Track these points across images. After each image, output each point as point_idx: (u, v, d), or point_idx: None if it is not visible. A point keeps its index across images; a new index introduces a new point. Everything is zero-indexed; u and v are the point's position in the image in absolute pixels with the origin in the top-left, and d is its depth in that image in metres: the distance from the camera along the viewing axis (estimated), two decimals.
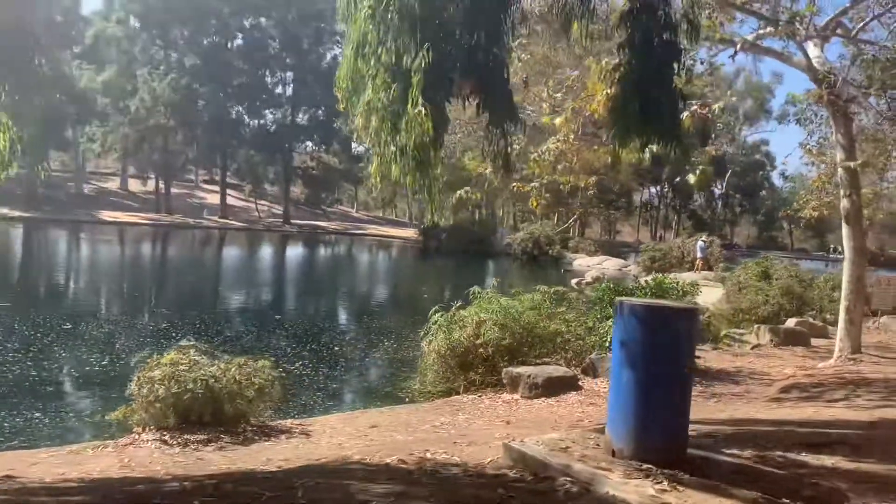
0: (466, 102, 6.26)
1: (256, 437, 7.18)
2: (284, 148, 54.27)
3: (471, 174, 44.20)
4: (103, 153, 54.37)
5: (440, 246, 45.92)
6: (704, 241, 32.61)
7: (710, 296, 20.63)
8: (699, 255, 31.49)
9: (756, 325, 15.44)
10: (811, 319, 17.22)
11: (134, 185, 70.33)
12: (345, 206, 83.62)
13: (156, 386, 6.94)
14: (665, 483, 3.64)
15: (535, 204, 11.86)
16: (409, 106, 5.82)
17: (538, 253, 42.21)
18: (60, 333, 13.38)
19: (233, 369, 7.49)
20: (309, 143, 56.44)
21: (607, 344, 10.81)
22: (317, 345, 13.79)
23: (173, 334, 13.13)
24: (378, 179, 6.42)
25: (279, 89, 57.53)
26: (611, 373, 4.28)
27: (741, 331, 15.92)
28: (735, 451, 4.51)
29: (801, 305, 18.59)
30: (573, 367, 10.90)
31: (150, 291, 21.82)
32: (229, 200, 64.28)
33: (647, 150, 7.40)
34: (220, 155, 55.63)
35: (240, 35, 53.34)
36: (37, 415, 8.98)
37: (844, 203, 12.13)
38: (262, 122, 56.28)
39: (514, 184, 12.16)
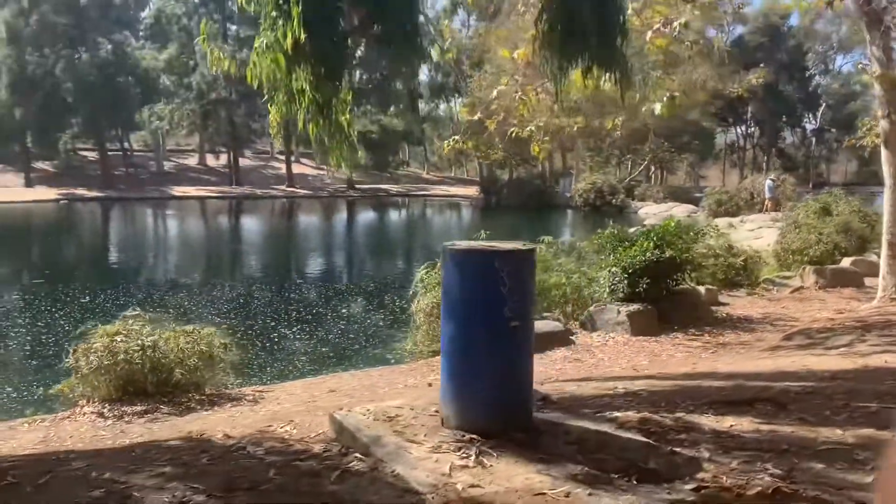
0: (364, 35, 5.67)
1: (198, 407, 6.95)
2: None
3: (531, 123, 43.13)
4: (172, 130, 55.73)
5: (500, 201, 45.08)
6: (773, 180, 30.52)
7: (770, 238, 19.22)
8: (767, 195, 29.52)
9: (802, 267, 14.18)
10: (875, 257, 15.71)
11: (212, 160, 72.34)
12: (415, 167, 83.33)
13: (91, 357, 6.81)
14: (472, 458, 3.08)
15: (536, 150, 11.07)
16: (287, 41, 5.30)
17: (601, 203, 40.75)
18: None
19: (180, 338, 7.29)
20: (369, 107, 56.00)
21: (605, 296, 10.09)
22: (331, 306, 13.58)
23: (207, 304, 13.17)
24: (276, 128, 5.95)
25: None
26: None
27: (789, 273, 14.69)
28: (616, 415, 3.86)
29: (864, 243, 17.01)
30: (572, 321, 10.26)
31: (195, 262, 22.22)
32: (304, 170, 65.24)
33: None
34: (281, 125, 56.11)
35: None
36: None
37: (883, 124, 10.80)
38: None
39: (512, 129, 11.39)
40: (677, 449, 3.28)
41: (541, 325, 9.36)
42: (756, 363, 6.40)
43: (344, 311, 13.22)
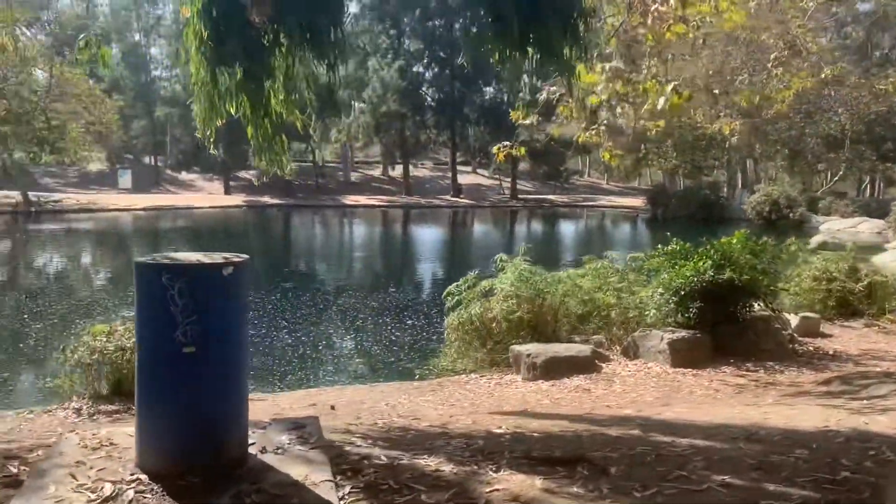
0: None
1: None
2: (509, 123, 54.22)
3: (710, 134, 40.23)
4: (348, 143, 58.89)
5: (667, 213, 42.59)
6: None
7: None
8: None
9: None
10: None
11: (395, 171, 75.84)
12: (596, 177, 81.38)
13: (75, 356, 7.15)
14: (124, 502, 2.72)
15: (607, 156, 10.19)
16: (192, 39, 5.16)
17: (777, 217, 37.09)
18: None
19: None
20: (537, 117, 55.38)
21: (649, 320, 9.01)
22: (392, 315, 13.37)
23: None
24: (203, 125, 5.76)
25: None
26: None
27: None
28: (383, 460, 3.28)
29: None
30: (616, 347, 9.26)
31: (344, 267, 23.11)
32: (479, 180, 66.42)
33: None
34: (448, 135, 57.33)
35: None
36: None
37: None
38: (483, 99, 56.61)
39: (586, 133, 10.53)
40: None
41: (561, 349, 8.56)
42: (725, 411, 5.29)
43: (404, 321, 12.98)
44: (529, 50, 5.58)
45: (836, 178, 49.31)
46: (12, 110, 35.22)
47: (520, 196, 57.73)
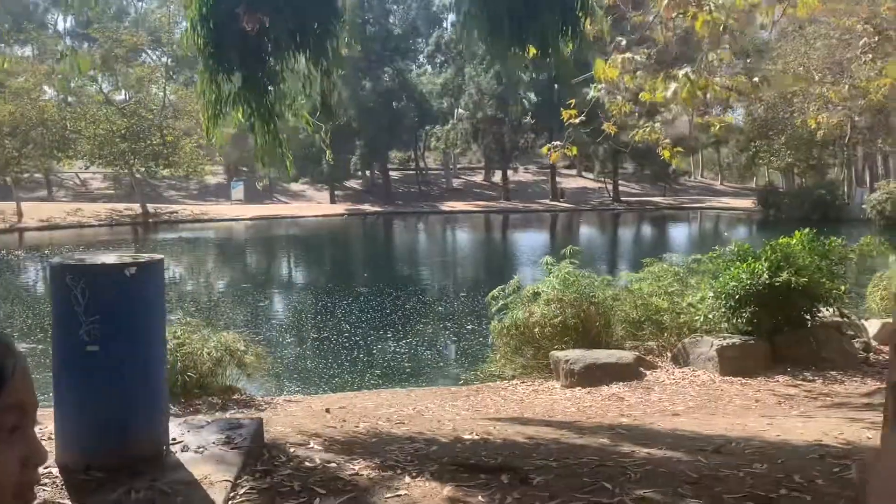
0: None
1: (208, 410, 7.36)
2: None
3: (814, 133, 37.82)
4: (446, 149, 59.38)
5: (778, 214, 40.30)
6: None
7: None
8: None
9: None
10: None
11: (497, 176, 76.05)
12: (710, 177, 78.31)
13: None
14: None
15: (667, 154, 9.81)
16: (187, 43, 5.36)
17: None
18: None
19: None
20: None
21: (697, 325, 8.55)
22: (448, 321, 13.35)
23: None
24: (208, 132, 5.94)
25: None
26: None
27: None
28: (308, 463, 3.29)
29: None
30: (665, 353, 8.85)
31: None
32: (585, 183, 65.59)
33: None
34: (546, 139, 56.77)
35: None
36: None
37: None
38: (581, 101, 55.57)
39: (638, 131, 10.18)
40: None
41: (602, 356, 8.26)
42: (735, 422, 4.94)
43: (465, 325, 12.90)
44: (527, 44, 5.45)
45: None
46: (131, 127, 37.92)
47: (623, 199, 56.19)
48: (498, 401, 7.63)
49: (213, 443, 3.37)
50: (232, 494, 2.89)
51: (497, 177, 69.41)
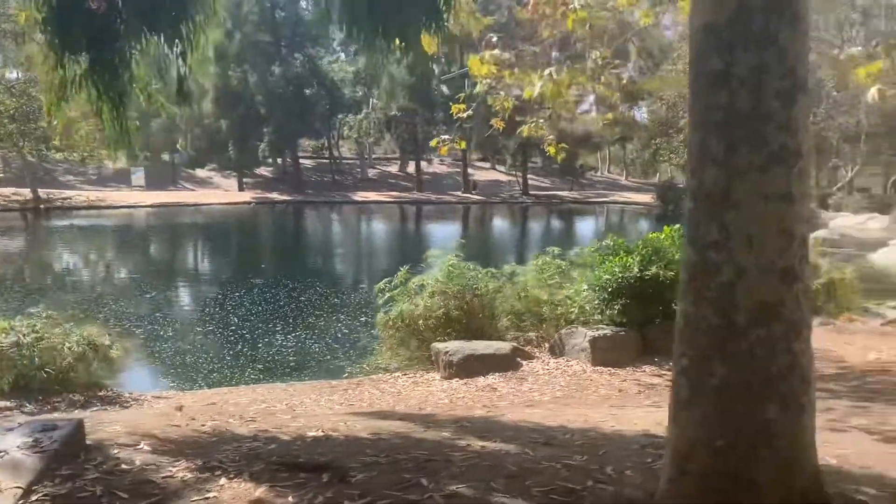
0: None
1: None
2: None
3: None
4: (359, 139, 58.86)
5: (676, 209, 41.91)
6: None
7: None
8: None
9: None
10: None
11: (412, 167, 75.84)
12: (616, 172, 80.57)
13: None
14: None
15: (552, 150, 9.86)
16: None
17: None
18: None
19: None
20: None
21: (573, 317, 8.76)
22: (333, 314, 13.23)
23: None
24: (50, 114, 5.58)
25: None
26: None
27: None
28: None
29: None
30: (544, 343, 9.03)
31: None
32: (498, 176, 66.29)
33: None
34: (456, 130, 57.08)
35: None
36: None
37: None
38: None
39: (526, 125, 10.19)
40: None
41: (481, 347, 8.36)
42: (582, 412, 5.07)
43: (358, 318, 12.81)
44: (391, 37, 5.40)
45: (853, 174, 48.10)
46: (20, 108, 35.74)
47: (532, 192, 57.21)
48: (375, 394, 7.60)
49: (18, 447, 3.18)
50: (21, 502, 2.72)
51: (413, 167, 69.46)
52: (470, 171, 74.13)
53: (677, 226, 9.16)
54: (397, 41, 5.43)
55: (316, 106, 51.21)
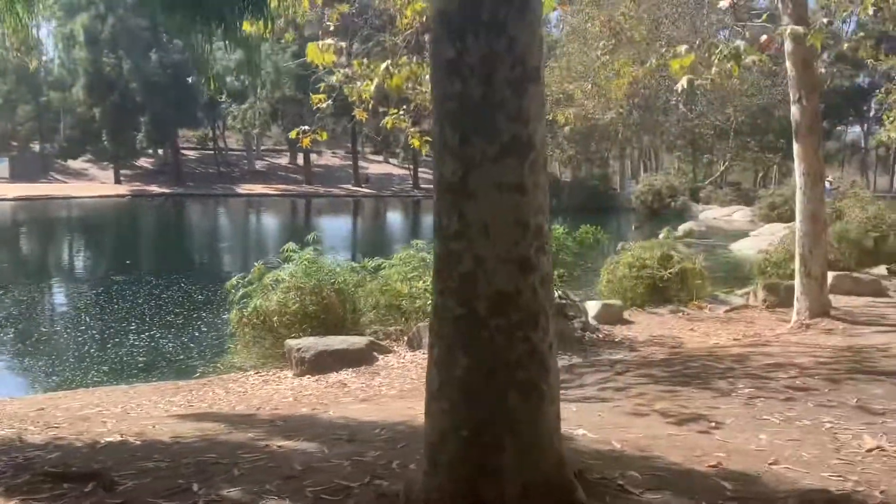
0: None
1: None
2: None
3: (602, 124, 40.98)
4: (244, 129, 57.17)
5: (559, 204, 43.14)
6: (831, 182, 27.21)
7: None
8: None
9: (755, 283, 12.14)
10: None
11: (302, 159, 74.16)
12: None
13: None
14: None
15: (416, 143, 9.70)
16: None
17: (658, 206, 38.08)
18: None
19: None
20: None
21: (430, 309, 8.74)
22: (181, 310, 12.72)
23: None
24: None
25: None
26: None
27: (748, 290, 12.60)
28: None
29: (870, 255, 14.52)
30: (403, 337, 9.01)
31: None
32: (391, 170, 65.87)
33: None
34: (347, 123, 56.52)
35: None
36: None
37: (794, 111, 8.81)
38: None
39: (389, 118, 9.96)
40: None
41: (335, 342, 8.24)
42: (411, 405, 5.06)
43: (221, 314, 12.39)
44: (211, 24, 5.17)
45: (724, 169, 51.10)
46: None
47: (423, 186, 57.39)
48: (220, 394, 7.34)
49: None
50: None
51: (302, 160, 68.04)
52: (363, 164, 73.54)
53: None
54: (213, 26, 5.19)
55: (197, 95, 49.28)
